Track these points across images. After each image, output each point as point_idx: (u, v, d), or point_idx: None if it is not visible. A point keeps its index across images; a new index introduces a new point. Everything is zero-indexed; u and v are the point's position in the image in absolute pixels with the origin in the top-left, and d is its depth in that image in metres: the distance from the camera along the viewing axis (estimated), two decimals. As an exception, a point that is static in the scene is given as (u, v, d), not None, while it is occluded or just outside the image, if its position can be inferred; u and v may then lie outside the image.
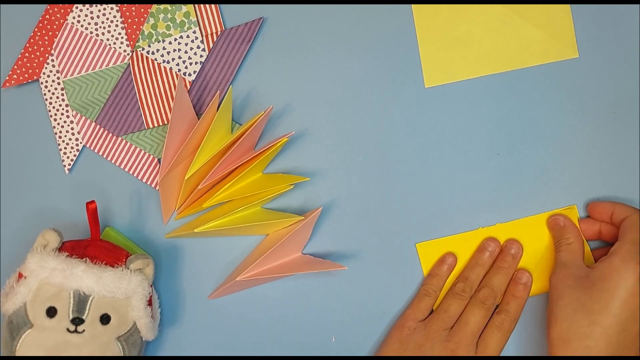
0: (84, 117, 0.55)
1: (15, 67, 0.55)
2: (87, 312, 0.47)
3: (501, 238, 0.52)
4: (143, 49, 0.55)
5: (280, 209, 0.54)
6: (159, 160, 0.55)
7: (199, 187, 0.51)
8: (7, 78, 0.55)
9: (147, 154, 0.55)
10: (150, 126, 0.55)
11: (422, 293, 0.52)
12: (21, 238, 0.55)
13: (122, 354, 0.48)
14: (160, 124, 0.55)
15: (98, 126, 0.55)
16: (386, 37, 0.54)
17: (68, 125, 0.55)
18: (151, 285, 0.50)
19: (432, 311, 0.52)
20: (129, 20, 0.55)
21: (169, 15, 0.54)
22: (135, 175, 0.55)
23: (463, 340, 0.49)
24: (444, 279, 0.52)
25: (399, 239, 0.53)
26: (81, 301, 0.47)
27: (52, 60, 0.55)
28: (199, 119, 0.51)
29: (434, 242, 0.53)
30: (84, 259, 0.48)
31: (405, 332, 0.51)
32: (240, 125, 0.54)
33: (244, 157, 0.52)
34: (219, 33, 0.54)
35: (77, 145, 0.55)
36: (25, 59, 0.55)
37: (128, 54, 0.55)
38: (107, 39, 0.55)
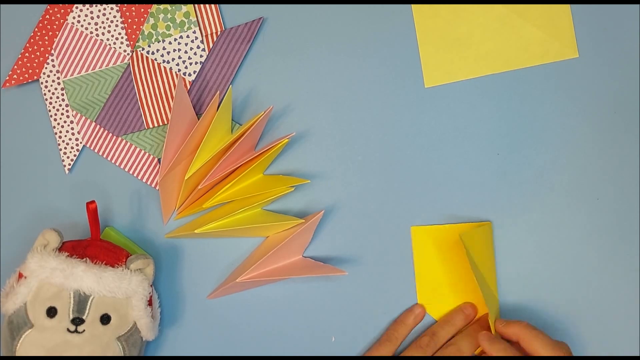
0: (84, 117, 0.55)
1: (15, 67, 0.55)
2: (87, 312, 0.47)
3: None
4: (143, 49, 0.55)
5: (281, 210, 0.54)
6: (159, 160, 0.55)
7: (199, 187, 0.51)
8: (7, 78, 0.55)
9: (147, 154, 0.55)
10: (150, 126, 0.55)
11: (385, 338, 0.51)
12: (21, 238, 0.55)
13: (122, 354, 0.48)
14: (160, 124, 0.55)
15: (98, 126, 0.55)
16: (386, 37, 0.54)
17: (68, 125, 0.55)
18: (151, 285, 0.50)
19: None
20: (129, 20, 0.54)
21: (169, 15, 0.54)
22: (135, 175, 0.55)
23: None
24: (409, 329, 0.52)
25: (400, 241, 0.53)
26: (81, 301, 0.47)
27: (52, 60, 0.55)
28: (198, 119, 0.51)
29: (428, 228, 0.52)
30: (84, 259, 0.48)
31: None
32: (240, 125, 0.54)
33: (244, 158, 0.52)
34: (219, 33, 0.54)
35: (77, 145, 0.55)
36: (25, 59, 0.55)
37: (128, 54, 0.55)
38: (107, 39, 0.55)
